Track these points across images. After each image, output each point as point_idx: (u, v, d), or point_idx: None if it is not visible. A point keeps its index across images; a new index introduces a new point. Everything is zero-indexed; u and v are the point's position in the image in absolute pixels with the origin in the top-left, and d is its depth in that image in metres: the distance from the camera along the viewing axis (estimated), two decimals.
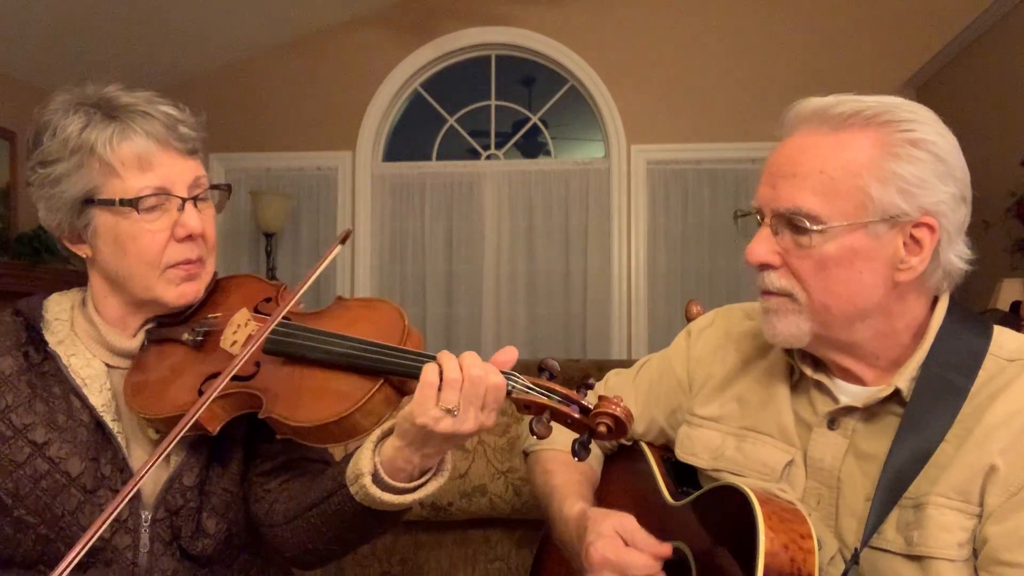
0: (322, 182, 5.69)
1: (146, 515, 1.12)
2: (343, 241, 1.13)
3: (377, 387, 1.00)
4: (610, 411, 0.92)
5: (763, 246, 1.03)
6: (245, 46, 5.55)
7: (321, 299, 5.38)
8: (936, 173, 0.99)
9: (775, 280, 1.04)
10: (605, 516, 1.10)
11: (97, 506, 1.09)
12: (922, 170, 0.99)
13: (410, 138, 5.83)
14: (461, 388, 0.93)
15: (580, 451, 0.94)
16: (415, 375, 0.97)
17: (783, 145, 1.04)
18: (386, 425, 1.03)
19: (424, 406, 0.94)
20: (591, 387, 0.97)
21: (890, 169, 0.98)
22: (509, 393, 0.96)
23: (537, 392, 0.95)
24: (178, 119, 1.14)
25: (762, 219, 1.04)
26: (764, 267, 1.04)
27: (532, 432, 0.94)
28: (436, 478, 1.03)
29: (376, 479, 1.00)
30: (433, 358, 0.98)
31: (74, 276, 4.65)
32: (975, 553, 0.96)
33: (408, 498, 1.01)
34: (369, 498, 1.00)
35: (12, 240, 4.57)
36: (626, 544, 1.05)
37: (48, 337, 1.15)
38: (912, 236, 1.00)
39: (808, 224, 0.99)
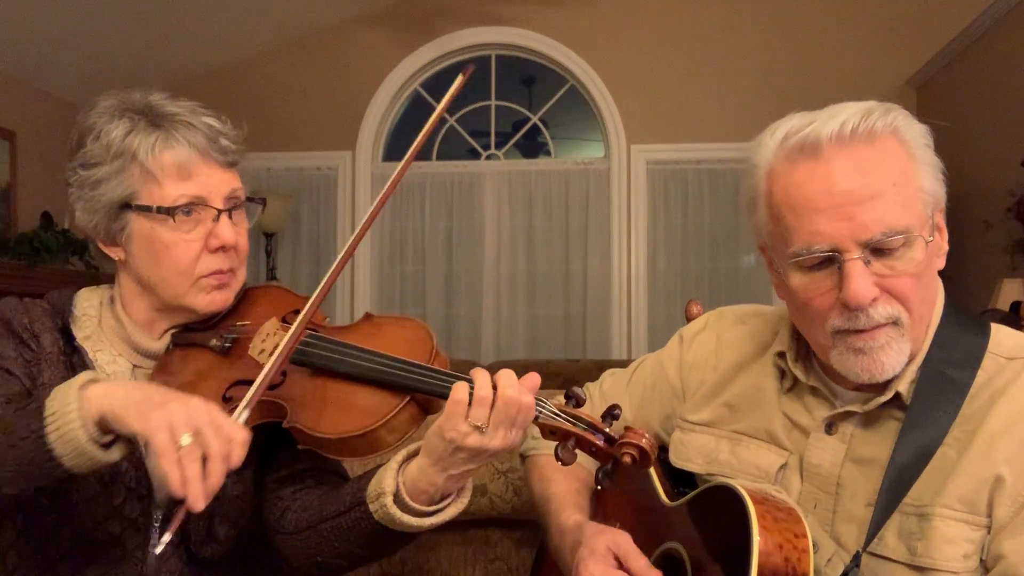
0: (322, 182, 5.70)
1: (157, 515, 1.13)
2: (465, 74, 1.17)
3: (403, 404, 1.01)
4: (636, 442, 0.93)
5: (865, 282, 0.94)
6: (245, 46, 5.55)
7: (325, 305, 5.39)
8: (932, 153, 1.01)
9: (882, 311, 0.96)
10: (600, 532, 1.09)
11: (109, 499, 1.11)
12: (932, 154, 1.00)
13: (410, 138, 5.78)
14: (492, 406, 0.94)
15: (603, 480, 0.94)
16: (442, 395, 0.97)
17: (829, 173, 0.96)
18: (412, 446, 1.04)
19: (452, 421, 0.95)
20: (617, 417, 0.97)
21: (922, 160, 0.99)
22: (536, 418, 0.96)
23: (564, 419, 0.95)
24: (220, 131, 1.16)
25: (841, 255, 0.95)
26: (871, 302, 0.96)
27: (557, 458, 0.94)
28: (456, 503, 1.03)
29: (398, 499, 1.00)
30: (460, 378, 0.99)
31: (74, 277, 4.65)
32: (983, 564, 0.94)
33: (427, 522, 1.01)
34: (388, 517, 1.00)
35: (12, 240, 4.57)
36: (619, 563, 1.04)
37: (76, 332, 1.17)
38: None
39: (901, 240, 0.95)
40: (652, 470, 1.23)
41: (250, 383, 1.04)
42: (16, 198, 4.75)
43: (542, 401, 0.97)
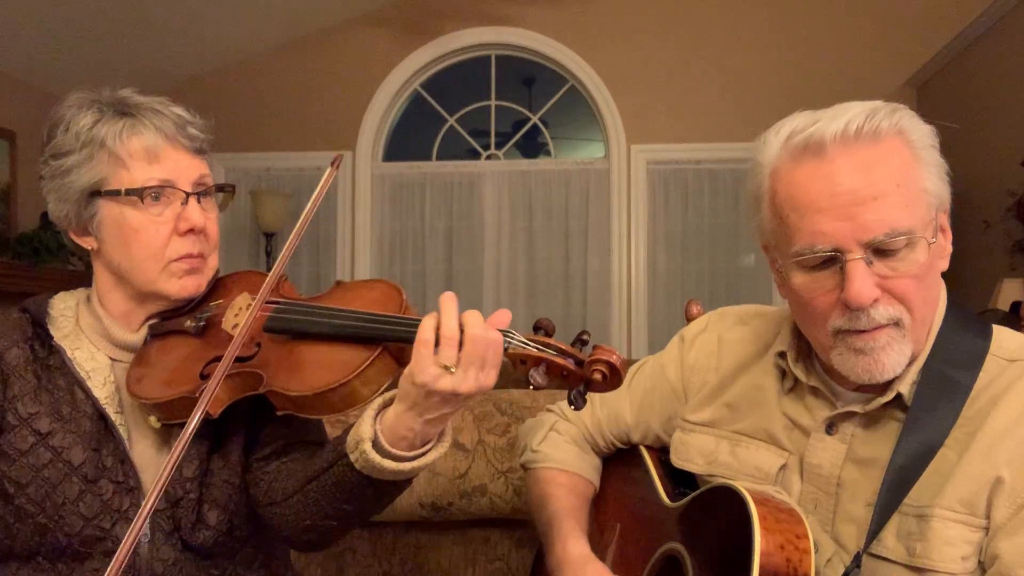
0: None
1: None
2: (334, 165, 1.20)
3: (375, 355, 1.02)
4: (605, 359, 0.93)
5: (867, 282, 0.94)
6: (245, 46, 5.55)
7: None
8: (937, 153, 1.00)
9: (883, 312, 0.96)
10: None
11: (97, 496, 1.11)
12: (937, 155, 0.99)
13: (410, 138, 5.83)
14: (460, 346, 0.94)
15: (577, 400, 0.94)
16: (411, 340, 0.97)
17: (832, 172, 0.95)
18: (388, 395, 1.04)
19: (422, 364, 0.94)
20: (586, 342, 0.97)
21: (927, 161, 0.99)
22: (506, 349, 0.96)
23: (533, 347, 0.96)
24: (188, 120, 1.18)
25: (843, 255, 0.95)
26: (873, 303, 0.96)
27: (530, 383, 0.95)
28: (436, 447, 1.03)
29: (376, 446, 1.00)
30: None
31: (74, 276, 4.65)
32: (980, 565, 0.94)
33: (407, 466, 1.00)
34: (369, 464, 1.00)
35: (12, 240, 4.57)
36: None
37: (53, 332, 1.18)
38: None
39: (904, 241, 0.95)
40: (653, 471, 1.24)
41: None
42: (16, 198, 4.75)
43: (510, 332, 0.97)
